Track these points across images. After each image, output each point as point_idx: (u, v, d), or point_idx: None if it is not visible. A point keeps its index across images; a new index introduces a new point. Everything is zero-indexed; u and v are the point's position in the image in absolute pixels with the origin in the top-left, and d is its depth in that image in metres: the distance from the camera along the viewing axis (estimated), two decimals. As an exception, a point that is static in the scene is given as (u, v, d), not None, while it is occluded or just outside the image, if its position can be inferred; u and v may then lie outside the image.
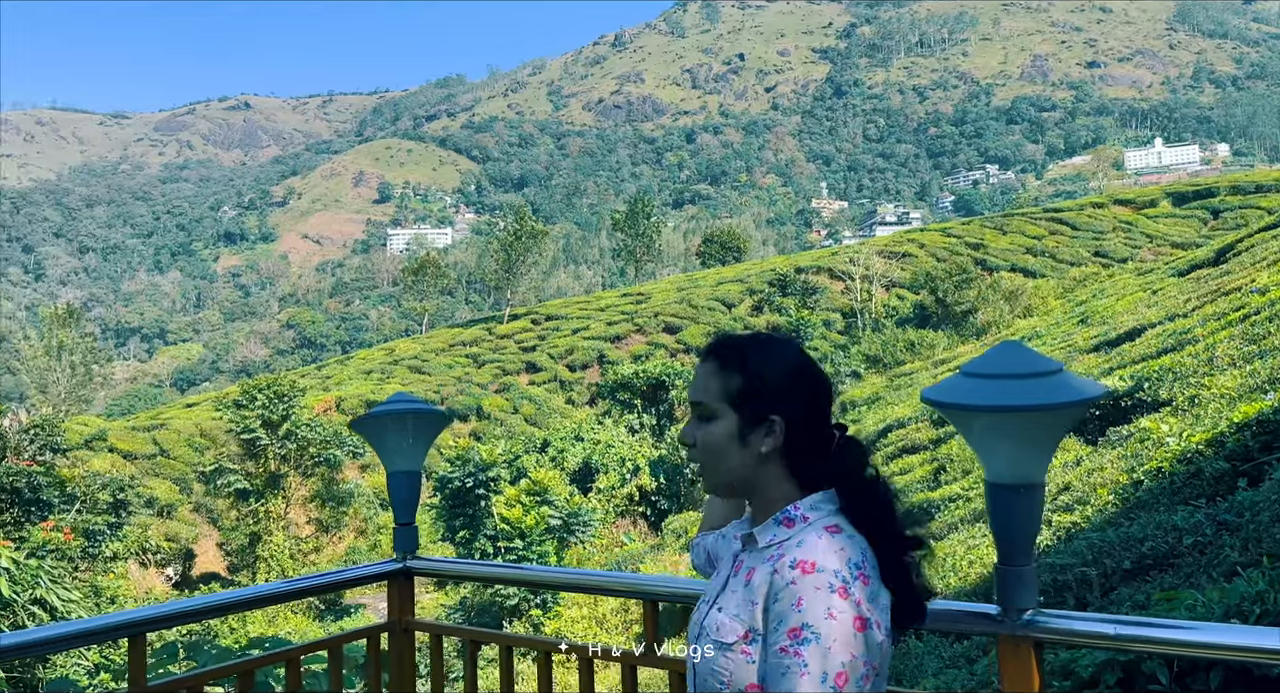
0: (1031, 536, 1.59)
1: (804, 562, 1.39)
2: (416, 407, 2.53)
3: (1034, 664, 1.62)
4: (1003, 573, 1.63)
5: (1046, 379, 1.45)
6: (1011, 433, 1.50)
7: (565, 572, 2.94)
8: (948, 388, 1.53)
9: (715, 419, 1.52)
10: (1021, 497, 1.55)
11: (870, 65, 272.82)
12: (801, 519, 1.49)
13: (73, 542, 14.36)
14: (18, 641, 1.81)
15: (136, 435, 35.53)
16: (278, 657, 2.27)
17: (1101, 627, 1.56)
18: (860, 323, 47.38)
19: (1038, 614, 1.63)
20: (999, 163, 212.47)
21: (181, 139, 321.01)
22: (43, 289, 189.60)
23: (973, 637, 6.75)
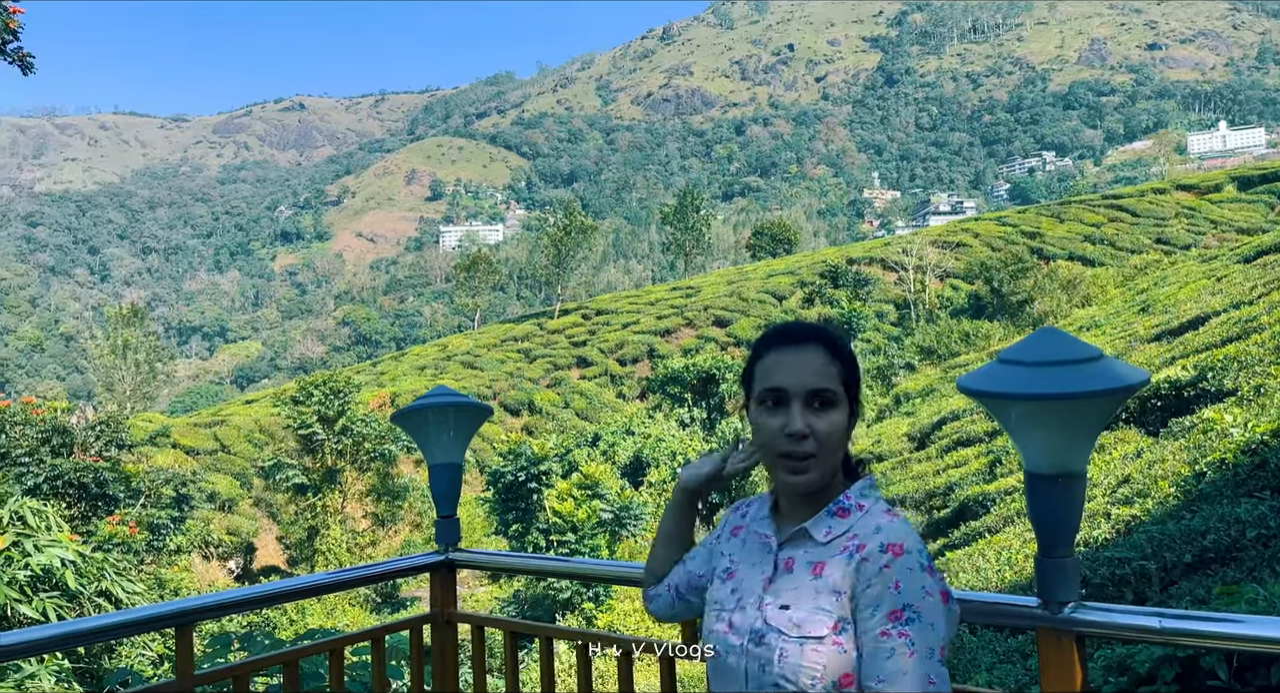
0: (1073, 527, 1.55)
1: (892, 545, 1.41)
2: (457, 400, 2.54)
3: (1076, 658, 1.58)
4: (1043, 565, 1.60)
5: (1086, 366, 1.41)
6: (1049, 421, 1.46)
7: (608, 564, 2.94)
8: (984, 376, 1.50)
9: (836, 407, 1.50)
10: (1061, 487, 1.51)
11: (922, 53, 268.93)
12: (856, 508, 1.51)
13: (138, 535, 14.74)
14: (72, 629, 1.86)
15: (198, 432, 36.35)
16: (322, 647, 2.31)
17: (1146, 620, 1.52)
18: (914, 314, 46.78)
19: (1080, 607, 1.58)
20: (1056, 149, 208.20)
21: (239, 141, 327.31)
22: (108, 289, 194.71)
23: (1029, 631, 6.64)
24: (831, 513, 1.51)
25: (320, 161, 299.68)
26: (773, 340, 1.56)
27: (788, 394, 1.49)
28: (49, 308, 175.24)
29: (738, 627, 1.50)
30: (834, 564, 1.45)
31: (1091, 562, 7.15)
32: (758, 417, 1.53)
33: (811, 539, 1.50)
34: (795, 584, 1.48)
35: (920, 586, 1.38)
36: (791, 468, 1.48)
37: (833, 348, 1.53)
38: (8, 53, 8.53)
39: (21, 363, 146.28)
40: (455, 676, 2.52)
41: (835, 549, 1.47)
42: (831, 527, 1.49)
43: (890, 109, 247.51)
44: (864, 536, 1.45)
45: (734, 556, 1.63)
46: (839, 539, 1.48)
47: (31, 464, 13.99)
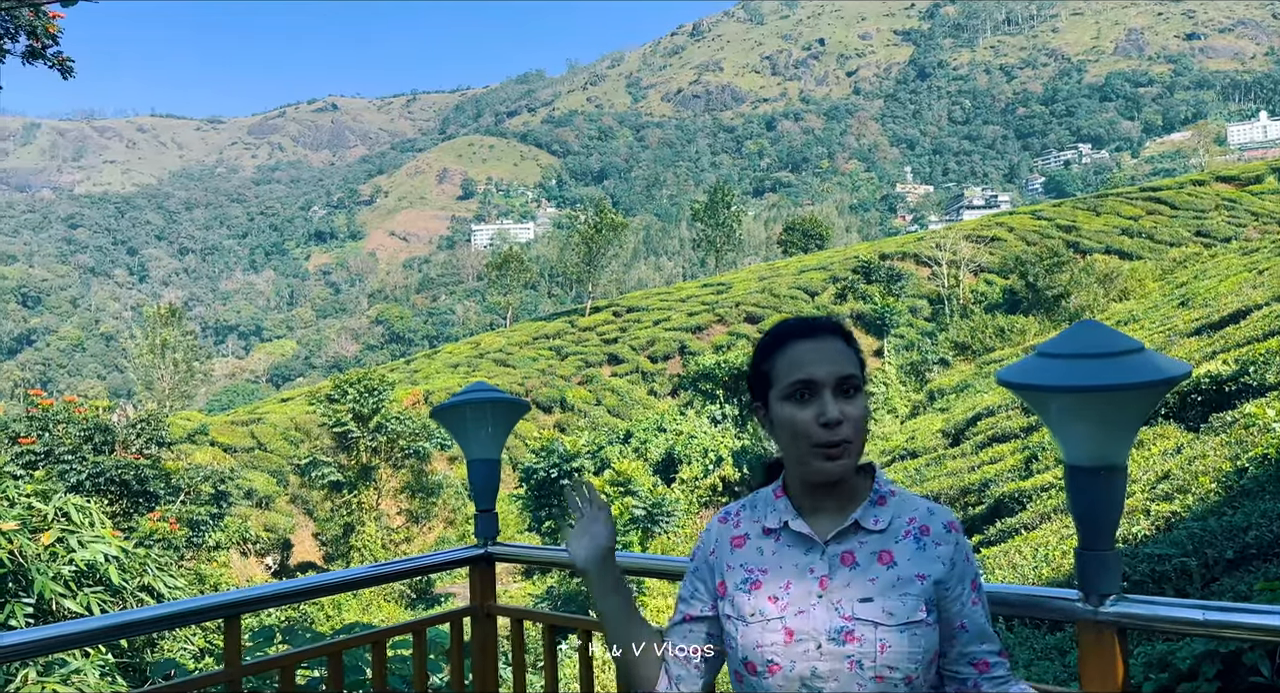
0: (1114, 520, 1.54)
1: (951, 524, 1.50)
2: (495, 396, 2.57)
3: (1118, 652, 1.57)
4: (1084, 558, 1.59)
5: (1125, 358, 1.41)
6: (1089, 414, 1.46)
7: (644, 558, 2.95)
8: (1023, 369, 1.50)
9: (861, 393, 1.52)
10: (1102, 480, 1.51)
11: (955, 46, 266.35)
12: (890, 493, 1.54)
13: (178, 532, 14.95)
14: (123, 620, 1.91)
15: (235, 430, 36.84)
16: (364, 639, 2.35)
17: (1189, 613, 1.50)
18: (948, 309, 46.39)
19: (1121, 600, 1.58)
20: (1092, 142, 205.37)
21: (273, 141, 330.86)
22: (147, 290, 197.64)
23: (1066, 628, 6.58)
24: (873, 502, 1.52)
25: (353, 161, 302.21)
26: (789, 334, 1.55)
27: (818, 384, 1.48)
28: (89, 308, 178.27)
29: (804, 632, 1.45)
30: (903, 550, 1.48)
31: (1131, 558, 7.08)
32: (787, 411, 1.50)
33: (864, 530, 1.50)
34: (868, 576, 1.46)
35: (974, 553, 1.48)
36: (828, 456, 1.47)
37: (846, 337, 1.56)
38: (48, 57, 8.69)
39: (63, 362, 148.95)
40: (495, 669, 2.55)
41: (896, 535, 1.49)
42: (879, 515, 1.51)
43: (923, 103, 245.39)
44: (921, 518, 1.51)
45: (749, 564, 1.56)
46: (894, 525, 1.50)
47: (75, 462, 14.24)
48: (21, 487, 8.09)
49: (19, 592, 7.28)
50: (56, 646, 1.77)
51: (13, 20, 8.83)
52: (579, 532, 1.77)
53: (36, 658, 6.21)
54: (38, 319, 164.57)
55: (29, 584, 7.26)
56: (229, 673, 2.01)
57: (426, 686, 2.44)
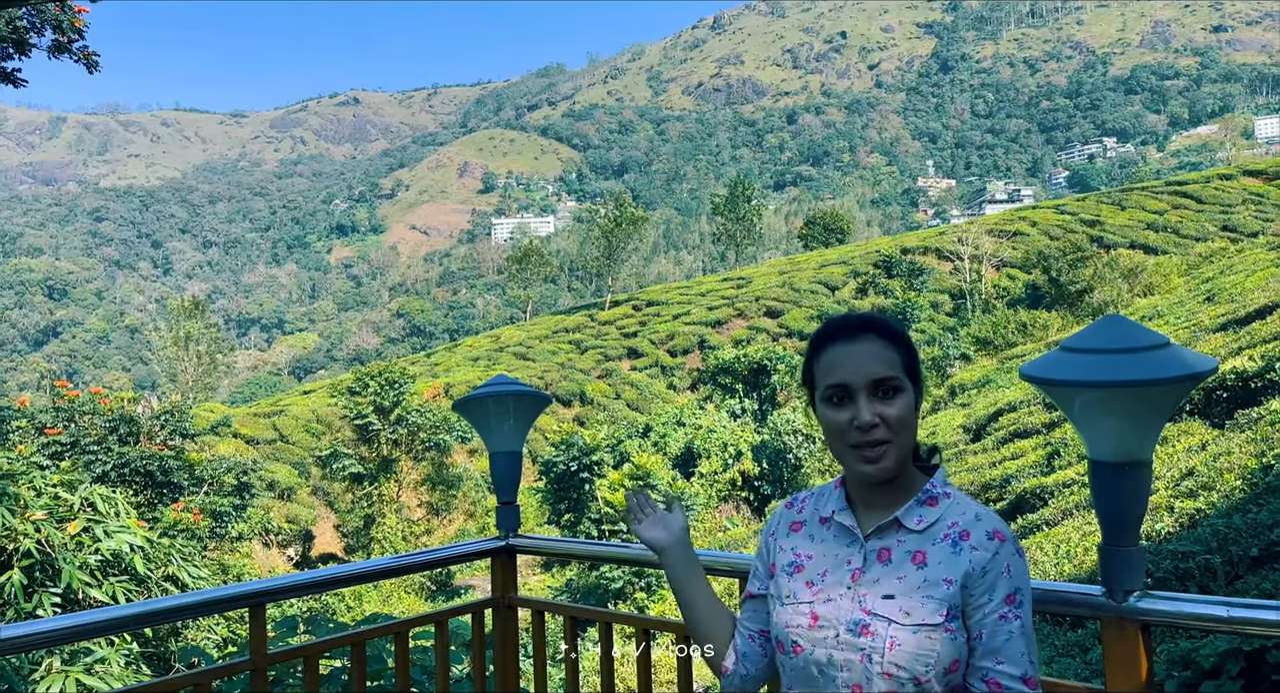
0: (1138, 516, 1.53)
1: (998, 532, 1.45)
2: (517, 388, 2.58)
3: (1141, 647, 1.56)
4: (1108, 554, 1.58)
5: (1151, 353, 1.40)
6: (1115, 409, 1.45)
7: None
8: (1047, 364, 1.49)
9: (902, 393, 1.50)
10: (1127, 475, 1.50)
11: (978, 38, 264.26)
12: (944, 495, 1.51)
13: (201, 522, 15.07)
14: (150, 608, 1.93)
15: (258, 421, 37.12)
16: (387, 629, 2.37)
17: (1213, 609, 1.49)
18: (969, 304, 46.13)
19: (1145, 596, 1.57)
20: (1117, 135, 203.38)
21: (295, 135, 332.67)
22: (170, 282, 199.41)
23: (1086, 625, 6.54)
24: (921, 501, 1.51)
25: (374, 155, 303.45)
26: (828, 336, 1.57)
27: (851, 388, 1.50)
28: (114, 301, 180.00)
29: (827, 619, 1.49)
30: (937, 552, 1.46)
31: (1154, 555, 7.03)
32: (825, 413, 1.53)
33: (904, 528, 1.50)
34: (897, 574, 1.47)
35: (1024, 570, 1.45)
36: (866, 457, 1.49)
37: (887, 334, 1.54)
38: (73, 51, 8.77)
39: (89, 354, 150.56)
40: (516, 660, 2.56)
41: (935, 537, 1.47)
42: (923, 515, 1.50)
43: (945, 96, 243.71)
44: (965, 523, 1.47)
45: (799, 549, 1.61)
46: (936, 527, 1.48)
47: (100, 452, 14.37)
48: (48, 477, 8.18)
49: (46, 581, 7.37)
50: (85, 633, 1.79)
51: (39, 15, 8.91)
52: (652, 522, 1.89)
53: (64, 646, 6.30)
54: (64, 311, 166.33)
55: (56, 574, 7.35)
56: (254, 661, 2.03)
57: (448, 676, 2.45)
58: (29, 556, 6.98)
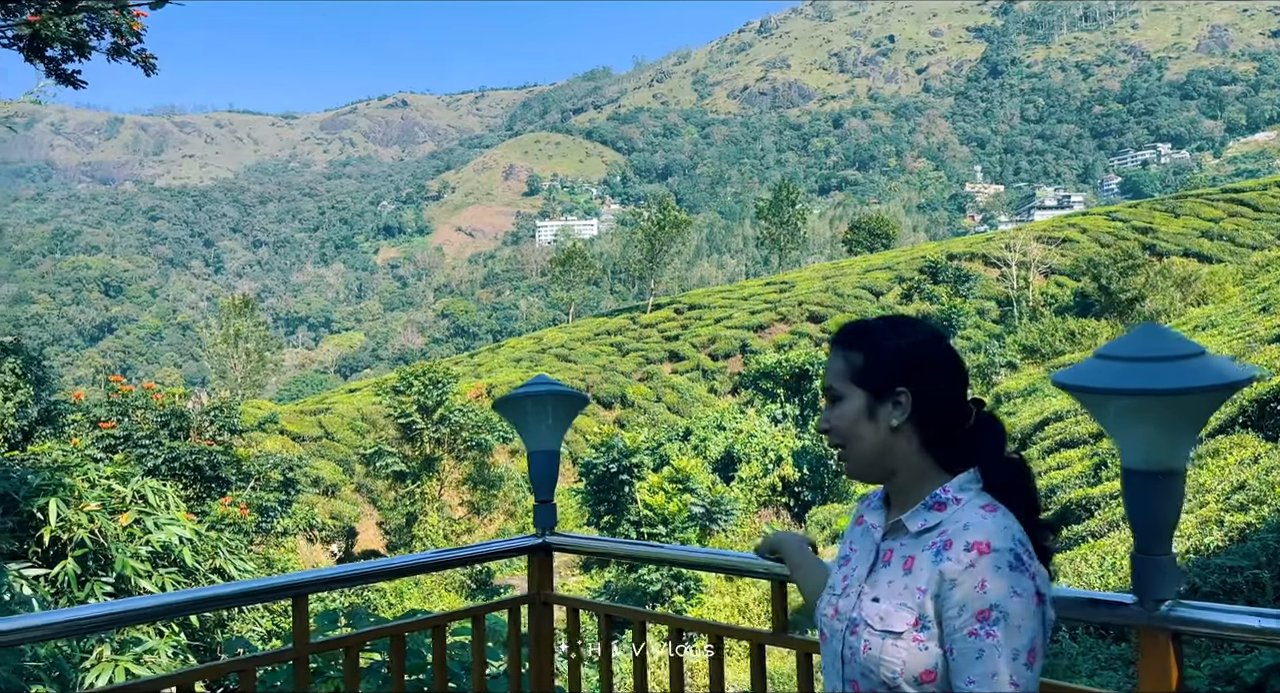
0: (1171, 524, 1.53)
1: (978, 543, 1.39)
2: (556, 389, 2.62)
3: (1172, 657, 1.56)
4: (1140, 562, 1.58)
5: (1186, 362, 1.40)
6: (1148, 417, 1.44)
7: (701, 552, 2.97)
8: (1081, 371, 1.49)
9: (843, 400, 1.55)
10: (1160, 484, 1.50)
11: (1029, 42, 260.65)
12: (953, 501, 1.49)
13: (248, 517, 15.30)
14: (200, 596, 2.00)
15: (304, 419, 37.66)
16: (426, 623, 2.42)
17: (1244, 620, 1.49)
18: (1016, 312, 45.53)
19: (1176, 605, 1.56)
20: (1172, 141, 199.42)
21: (344, 137, 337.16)
22: (221, 281, 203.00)
23: (1131, 639, 6.45)
24: (928, 506, 1.50)
25: (422, 157, 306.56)
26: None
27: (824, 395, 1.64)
28: (167, 298, 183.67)
29: (841, 614, 1.55)
30: (922, 560, 1.46)
31: (1202, 569, 6.90)
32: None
33: (907, 532, 1.51)
34: (889, 578, 1.50)
35: (1009, 586, 1.35)
36: (838, 458, 1.61)
37: (842, 342, 1.60)
38: (131, 54, 9.00)
39: (142, 350, 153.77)
40: (551, 657, 2.60)
41: (925, 544, 1.47)
42: (926, 520, 1.50)
43: (994, 100, 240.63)
44: (952, 532, 1.44)
45: (854, 543, 1.66)
46: (929, 534, 1.48)
47: (152, 446, 14.66)
48: (102, 470, 8.38)
49: (98, 571, 7.55)
50: (139, 618, 1.85)
51: (99, 19, 9.14)
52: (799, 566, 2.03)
53: (116, 631, 6.45)
54: (119, 308, 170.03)
55: (108, 564, 7.52)
56: (297, 650, 2.09)
57: (484, 669, 2.50)
58: (83, 545, 7.17)
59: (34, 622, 1.88)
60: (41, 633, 2.00)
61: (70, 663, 6.52)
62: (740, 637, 2.25)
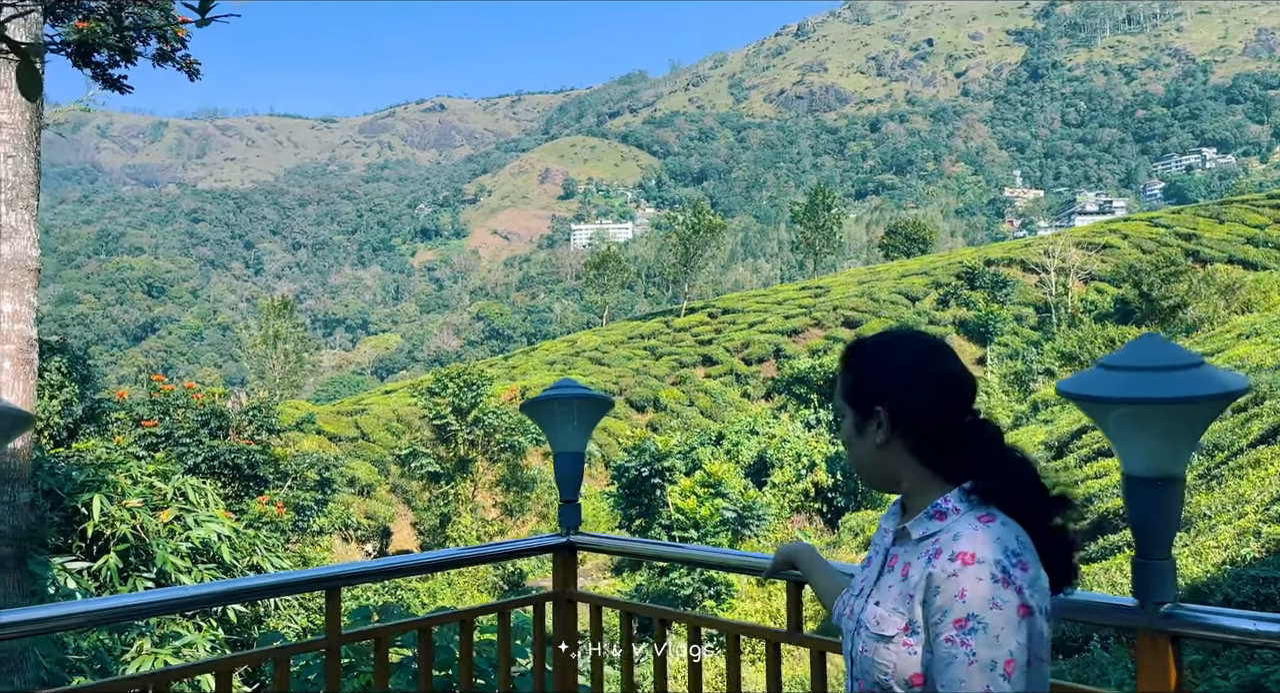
0: (1171, 530, 1.57)
1: (963, 553, 1.42)
2: (581, 392, 2.69)
3: (1171, 659, 1.60)
4: (1140, 567, 1.62)
5: (1185, 372, 1.44)
6: (1148, 425, 1.49)
7: (726, 553, 3.02)
8: (1084, 380, 1.54)
9: (843, 417, 1.64)
10: (1160, 490, 1.54)
11: (1071, 46, 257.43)
12: (953, 511, 1.52)
13: (285, 515, 15.51)
14: (235, 587, 2.08)
15: (341, 419, 38.10)
16: (453, 617, 2.50)
17: (1241, 623, 1.52)
18: (1055, 318, 45.01)
19: (1176, 608, 1.60)
20: (1217, 146, 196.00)
21: (382, 140, 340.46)
22: (261, 282, 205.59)
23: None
24: (930, 515, 1.54)
25: (459, 161, 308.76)
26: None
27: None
28: (208, 299, 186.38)
29: (853, 614, 1.61)
30: (915, 567, 1.51)
31: (1236, 580, 6.83)
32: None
33: (910, 539, 1.56)
34: (889, 583, 1.55)
35: (990, 597, 1.37)
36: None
37: (845, 363, 1.67)
38: (176, 60, 9.23)
39: (184, 350, 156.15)
40: (575, 651, 2.66)
41: (921, 552, 1.51)
42: (927, 528, 1.53)
43: (1035, 104, 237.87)
44: (944, 541, 1.48)
45: (877, 546, 1.71)
46: (926, 542, 1.52)
47: (192, 445, 14.92)
48: (144, 467, 8.57)
49: (140, 566, 7.73)
50: (177, 607, 1.94)
51: (144, 25, 9.37)
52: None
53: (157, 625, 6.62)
54: (161, 308, 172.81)
55: (150, 559, 7.71)
56: (329, 641, 2.17)
57: (510, 664, 2.57)
58: (125, 541, 7.35)
59: (74, 609, 1.97)
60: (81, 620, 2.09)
61: (112, 656, 6.69)
62: (756, 635, 2.30)
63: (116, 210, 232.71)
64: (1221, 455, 14.64)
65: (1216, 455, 14.86)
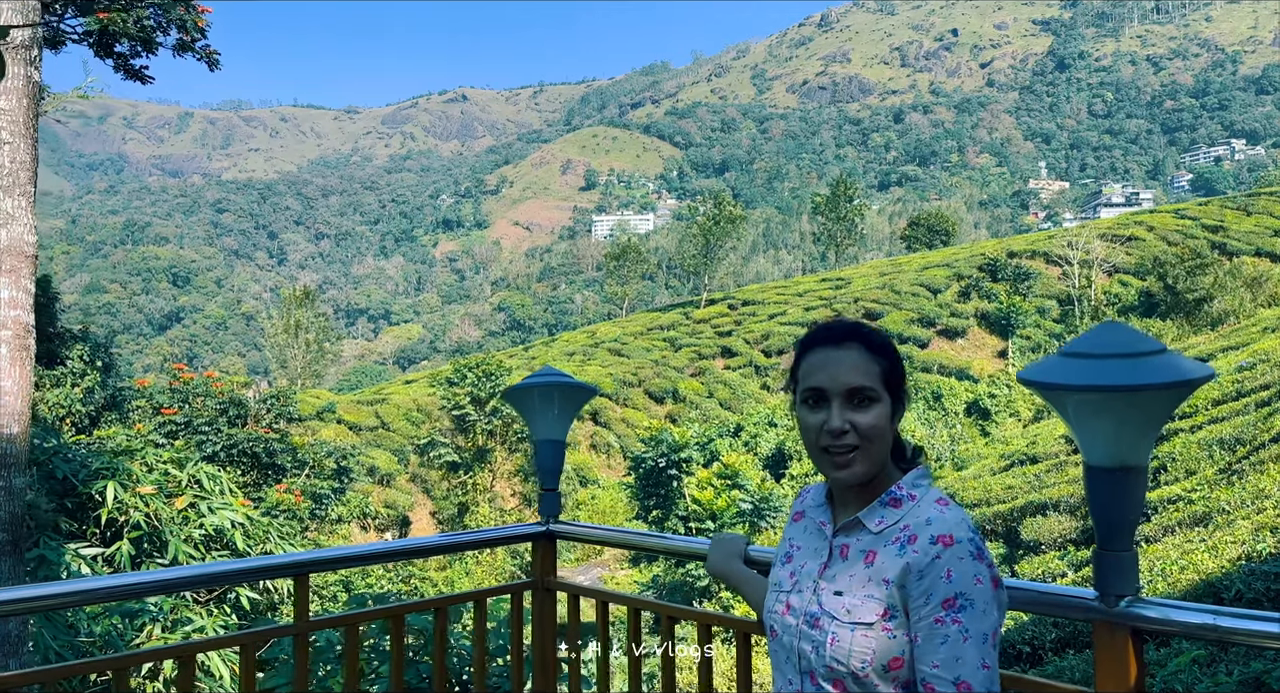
0: (1132, 521, 1.53)
1: (942, 537, 1.45)
2: (562, 380, 2.68)
3: (1130, 653, 1.56)
4: (1101, 558, 1.58)
5: (1145, 360, 1.40)
6: (1106, 414, 1.45)
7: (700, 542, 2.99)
8: (1043, 367, 1.51)
9: (876, 403, 1.54)
10: (1120, 480, 1.50)
11: (1098, 35, 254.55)
12: (909, 498, 1.54)
13: (302, 504, 15.62)
14: (201, 572, 2.07)
15: (361, 409, 38.31)
16: (426, 605, 2.48)
17: (1202, 617, 1.49)
18: (1078, 311, 44.59)
19: (1135, 602, 1.57)
20: (1246, 137, 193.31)
21: (405, 131, 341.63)
22: (284, 273, 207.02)
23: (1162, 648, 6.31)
24: (884, 503, 1.55)
25: (480, 152, 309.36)
26: (813, 340, 1.62)
27: (827, 394, 1.55)
28: (232, 289, 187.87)
29: (795, 609, 1.58)
30: (885, 554, 1.50)
31: (1248, 576, 6.74)
32: (802, 414, 1.59)
33: (864, 528, 1.55)
34: (849, 571, 1.54)
35: (971, 573, 1.42)
36: (835, 463, 1.55)
37: (871, 344, 1.58)
38: (196, 50, 9.27)
39: (208, 340, 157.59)
40: (554, 640, 2.65)
41: (887, 539, 1.51)
42: (884, 516, 1.54)
43: (1060, 95, 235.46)
44: (915, 527, 1.49)
45: (795, 540, 1.71)
46: (891, 529, 1.52)
47: (210, 433, 15.06)
48: (160, 454, 8.64)
49: (153, 553, 7.80)
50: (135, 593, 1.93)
51: (164, 15, 9.41)
52: (716, 546, 2.18)
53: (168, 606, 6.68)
54: (186, 298, 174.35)
55: (163, 546, 7.77)
56: (298, 627, 2.16)
57: (485, 652, 2.56)
58: (138, 528, 7.42)
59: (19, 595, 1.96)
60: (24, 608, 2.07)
61: (123, 640, 6.76)
62: (727, 626, 2.28)
63: (142, 200, 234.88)
64: (1243, 450, 14.47)
65: (1238, 450, 14.68)
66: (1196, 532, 11.22)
